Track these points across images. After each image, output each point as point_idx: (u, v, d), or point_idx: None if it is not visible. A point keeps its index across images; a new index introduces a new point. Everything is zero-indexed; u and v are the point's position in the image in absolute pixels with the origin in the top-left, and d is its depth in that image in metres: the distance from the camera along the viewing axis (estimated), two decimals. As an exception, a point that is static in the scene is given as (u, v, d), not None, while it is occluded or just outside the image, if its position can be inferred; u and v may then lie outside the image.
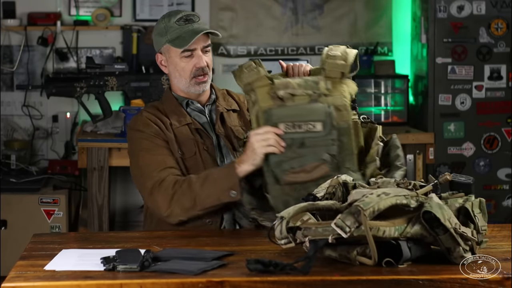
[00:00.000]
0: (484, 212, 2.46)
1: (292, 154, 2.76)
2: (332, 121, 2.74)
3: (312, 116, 2.76)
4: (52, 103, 5.45)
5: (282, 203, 2.73)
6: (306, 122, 2.76)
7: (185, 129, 3.06)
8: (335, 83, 2.78)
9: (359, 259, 2.33)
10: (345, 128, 2.75)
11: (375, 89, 5.47)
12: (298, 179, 2.76)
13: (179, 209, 2.90)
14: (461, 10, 5.27)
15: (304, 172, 2.75)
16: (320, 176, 2.73)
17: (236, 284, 2.24)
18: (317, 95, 2.76)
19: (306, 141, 2.76)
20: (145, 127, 3.04)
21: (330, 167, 2.74)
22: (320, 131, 2.75)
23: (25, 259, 2.47)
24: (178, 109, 3.09)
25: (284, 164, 2.77)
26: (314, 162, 2.75)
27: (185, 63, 3.05)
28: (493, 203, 5.30)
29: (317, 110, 2.76)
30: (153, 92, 5.05)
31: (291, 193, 2.76)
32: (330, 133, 2.74)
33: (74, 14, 5.56)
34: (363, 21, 5.78)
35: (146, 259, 2.34)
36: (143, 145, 3.02)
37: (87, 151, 4.84)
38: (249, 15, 5.71)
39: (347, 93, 2.79)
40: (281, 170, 2.77)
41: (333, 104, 2.75)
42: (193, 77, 3.05)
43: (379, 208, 2.28)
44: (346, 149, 2.75)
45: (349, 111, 2.77)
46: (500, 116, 5.32)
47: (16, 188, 5.10)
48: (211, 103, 3.15)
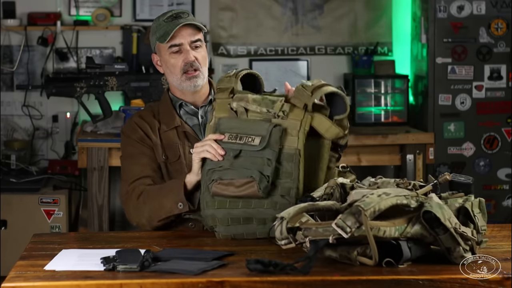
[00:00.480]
0: (484, 212, 2.47)
1: (226, 164, 2.71)
2: (272, 140, 2.66)
3: (254, 131, 2.70)
4: (52, 103, 5.45)
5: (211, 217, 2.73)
6: (247, 135, 2.70)
7: (172, 132, 3.07)
8: (296, 109, 2.69)
9: (360, 259, 2.33)
10: (290, 154, 2.66)
11: (375, 89, 5.46)
12: (225, 192, 2.69)
13: (144, 220, 2.97)
14: (461, 10, 5.27)
15: (233, 186, 2.68)
16: (247, 195, 2.66)
17: (236, 284, 2.24)
18: (272, 115, 2.70)
19: (243, 153, 2.69)
20: (132, 132, 3.09)
21: (261, 188, 2.63)
22: (256, 145, 2.67)
23: (25, 259, 2.47)
24: (170, 111, 3.11)
25: (214, 173, 2.72)
26: (244, 178, 2.67)
27: (174, 59, 3.05)
28: (493, 203, 5.30)
29: (261, 126, 2.69)
30: (153, 92, 5.05)
31: (222, 212, 2.71)
32: (267, 152, 2.65)
33: (74, 14, 5.56)
34: (363, 21, 5.78)
35: (146, 259, 2.35)
36: (127, 151, 3.09)
37: (87, 151, 4.84)
38: (249, 15, 5.71)
39: (308, 124, 2.68)
40: (210, 179, 2.73)
41: (284, 127, 2.67)
42: (183, 72, 3.06)
43: (379, 208, 2.28)
44: (287, 176, 2.66)
45: (301, 139, 2.66)
46: (500, 116, 5.32)
47: (16, 188, 5.10)
48: (207, 104, 3.13)
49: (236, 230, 2.71)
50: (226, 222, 2.71)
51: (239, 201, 2.69)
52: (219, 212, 2.72)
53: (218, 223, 2.72)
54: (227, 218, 2.71)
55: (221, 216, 2.71)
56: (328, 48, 5.77)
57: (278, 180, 2.66)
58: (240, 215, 2.70)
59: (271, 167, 2.65)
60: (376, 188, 2.44)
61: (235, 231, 2.71)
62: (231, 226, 2.71)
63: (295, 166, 2.66)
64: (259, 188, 2.64)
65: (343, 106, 2.71)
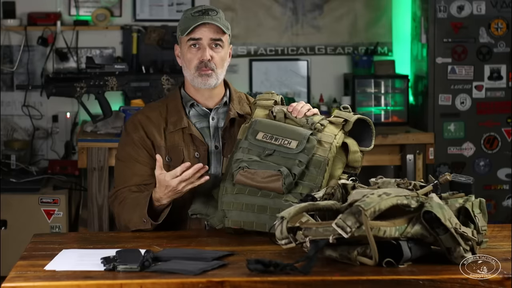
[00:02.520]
0: (484, 212, 2.47)
1: (256, 159, 2.79)
2: (308, 145, 2.77)
3: (291, 135, 2.81)
4: (52, 103, 5.45)
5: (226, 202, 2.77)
6: (283, 138, 2.81)
7: (178, 134, 3.03)
8: (332, 126, 2.86)
9: (360, 259, 2.33)
10: (319, 161, 2.77)
11: (375, 89, 5.46)
12: (248, 180, 2.76)
13: (122, 227, 2.98)
14: (461, 10, 5.27)
15: (259, 176, 2.74)
16: (270, 188, 2.73)
17: (236, 284, 2.24)
18: (309, 126, 2.84)
19: (276, 153, 2.79)
20: (133, 131, 3.05)
21: (286, 183, 2.71)
22: (293, 148, 2.77)
23: (25, 259, 2.47)
24: (178, 111, 3.06)
25: (242, 163, 2.79)
26: (271, 171, 2.74)
27: (192, 54, 3.03)
28: (493, 203, 5.30)
29: (298, 132, 2.82)
30: (153, 92, 5.05)
31: (240, 198, 2.76)
32: (301, 155, 2.76)
33: (74, 14, 5.56)
34: (363, 21, 5.78)
35: (146, 259, 2.35)
36: (123, 152, 3.06)
37: (87, 151, 4.84)
38: (249, 15, 5.71)
39: (341, 139, 2.83)
40: (237, 166, 2.79)
41: (319, 137, 2.80)
42: (197, 69, 3.03)
43: (380, 208, 2.28)
44: (311, 180, 2.75)
45: (332, 151, 2.79)
46: (500, 116, 5.32)
47: (16, 188, 5.09)
48: (221, 106, 3.09)
49: (247, 218, 2.75)
50: (240, 206, 2.75)
51: (258, 191, 2.75)
52: (236, 198, 2.77)
53: (232, 207, 2.76)
54: (243, 203, 2.75)
55: (238, 201, 2.76)
56: (328, 48, 5.77)
57: (301, 181, 2.75)
58: (256, 203, 2.74)
59: (300, 168, 2.74)
60: (377, 188, 2.44)
61: (246, 219, 2.75)
62: (243, 212, 2.75)
63: (321, 173, 2.76)
64: (283, 183, 2.71)
65: (369, 142, 2.93)
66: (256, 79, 5.69)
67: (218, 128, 3.05)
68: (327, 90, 5.70)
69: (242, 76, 5.68)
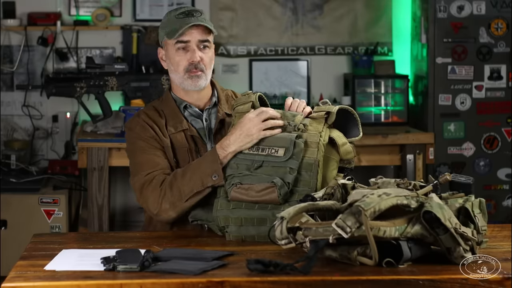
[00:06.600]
0: (484, 212, 2.47)
1: (247, 173, 2.76)
2: (296, 151, 2.73)
3: (277, 143, 2.77)
4: (52, 103, 5.45)
5: (223, 217, 2.73)
6: (270, 147, 2.77)
7: (181, 135, 3.03)
8: (315, 123, 2.80)
9: (360, 259, 2.33)
10: (310, 164, 2.73)
11: (375, 89, 5.46)
12: (244, 196, 2.72)
13: (167, 204, 2.87)
14: (461, 10, 5.27)
15: (253, 191, 2.71)
16: (267, 200, 2.70)
17: (236, 284, 2.24)
18: (292, 128, 2.80)
19: (265, 164, 2.76)
20: (142, 131, 3.02)
21: (281, 194, 2.68)
22: (281, 156, 2.74)
23: (25, 259, 2.47)
24: (175, 113, 3.06)
25: (234, 178, 2.75)
26: (264, 183, 2.71)
27: (180, 56, 3.02)
28: (493, 203, 5.30)
29: (283, 138, 2.77)
30: (153, 92, 5.05)
31: (237, 212, 2.72)
32: (290, 162, 2.72)
33: (74, 14, 5.56)
34: (363, 21, 5.78)
35: (146, 259, 2.35)
36: (139, 145, 3.01)
37: (87, 151, 4.84)
38: (249, 15, 5.71)
39: (327, 136, 2.79)
40: (230, 183, 2.75)
41: (304, 138, 2.76)
42: (186, 71, 3.03)
43: (380, 208, 2.28)
44: (306, 185, 2.72)
45: (320, 150, 2.75)
46: (500, 116, 5.32)
47: (16, 188, 5.10)
48: (211, 106, 3.10)
49: (247, 232, 2.71)
50: (239, 222, 2.72)
51: (255, 205, 2.72)
52: (233, 212, 2.73)
53: (231, 222, 2.72)
54: (241, 218, 2.72)
55: (235, 216, 2.72)
56: (328, 48, 5.77)
57: (296, 188, 2.72)
58: (255, 216, 2.71)
59: (292, 175, 2.71)
60: (377, 188, 2.44)
61: (247, 233, 2.71)
62: (243, 227, 2.71)
63: (314, 175, 2.73)
64: (279, 194, 2.68)
65: (357, 132, 2.86)
66: (256, 79, 5.69)
67: (211, 129, 3.07)
68: (327, 90, 5.70)
69: (242, 76, 5.68)
